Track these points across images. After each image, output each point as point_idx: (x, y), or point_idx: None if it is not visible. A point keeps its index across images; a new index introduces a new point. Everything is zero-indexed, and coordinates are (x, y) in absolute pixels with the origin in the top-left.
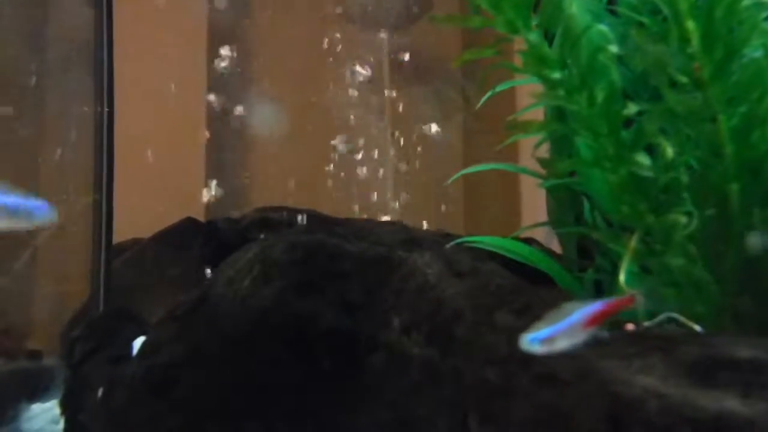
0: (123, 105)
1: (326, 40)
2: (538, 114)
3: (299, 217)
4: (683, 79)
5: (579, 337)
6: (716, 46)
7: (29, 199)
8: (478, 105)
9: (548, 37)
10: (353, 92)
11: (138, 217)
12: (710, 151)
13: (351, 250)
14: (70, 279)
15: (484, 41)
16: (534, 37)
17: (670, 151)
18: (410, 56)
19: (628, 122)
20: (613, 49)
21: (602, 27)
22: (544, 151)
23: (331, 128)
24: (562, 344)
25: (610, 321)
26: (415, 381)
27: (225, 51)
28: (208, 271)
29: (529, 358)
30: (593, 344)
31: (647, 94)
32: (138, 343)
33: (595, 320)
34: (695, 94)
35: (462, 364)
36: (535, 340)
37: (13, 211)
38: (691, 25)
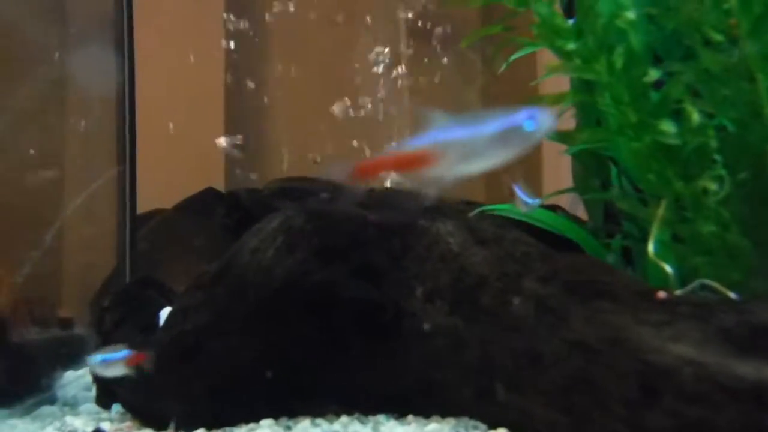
0: (143, 76)
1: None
2: (560, 79)
3: (320, 187)
4: (718, 37)
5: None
6: (754, 0)
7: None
8: (499, 71)
9: (564, 3)
10: (371, 55)
11: (159, 187)
12: (747, 112)
13: (373, 219)
14: (97, 249)
15: (504, 6)
16: (543, 8)
17: (696, 116)
18: (429, 20)
19: (659, 84)
20: (630, 15)
21: None
22: (568, 117)
23: (347, 93)
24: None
25: None
26: (439, 348)
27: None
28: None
29: (558, 326)
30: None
31: (680, 54)
32: (164, 312)
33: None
34: (731, 52)
35: (487, 332)
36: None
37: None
38: None
